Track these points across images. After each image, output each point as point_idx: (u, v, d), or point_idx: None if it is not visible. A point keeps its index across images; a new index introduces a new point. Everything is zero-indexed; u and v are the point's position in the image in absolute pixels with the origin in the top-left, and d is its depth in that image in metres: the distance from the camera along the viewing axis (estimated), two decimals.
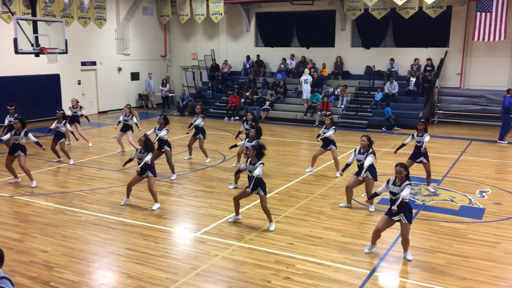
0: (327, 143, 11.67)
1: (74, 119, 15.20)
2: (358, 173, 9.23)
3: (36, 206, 9.52)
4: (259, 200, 8.38)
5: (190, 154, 13.31)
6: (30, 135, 10.80)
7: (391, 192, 7.03)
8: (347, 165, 9.48)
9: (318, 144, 12.14)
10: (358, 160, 9.24)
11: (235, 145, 11.62)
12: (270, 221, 8.30)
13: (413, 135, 10.49)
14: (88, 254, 7.30)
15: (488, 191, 10.56)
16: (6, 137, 11.33)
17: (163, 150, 11.51)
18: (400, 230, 7.04)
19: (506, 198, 10.10)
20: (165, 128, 11.53)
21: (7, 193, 10.32)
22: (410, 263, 6.99)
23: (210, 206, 9.48)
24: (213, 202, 9.77)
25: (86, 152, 14.46)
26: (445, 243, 7.72)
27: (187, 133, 13.28)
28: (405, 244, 7.09)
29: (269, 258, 7.11)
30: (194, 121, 12.90)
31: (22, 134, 10.71)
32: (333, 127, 11.64)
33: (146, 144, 9.21)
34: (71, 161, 12.96)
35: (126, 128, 14.11)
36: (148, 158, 9.11)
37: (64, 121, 13.10)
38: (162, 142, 11.46)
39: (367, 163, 8.96)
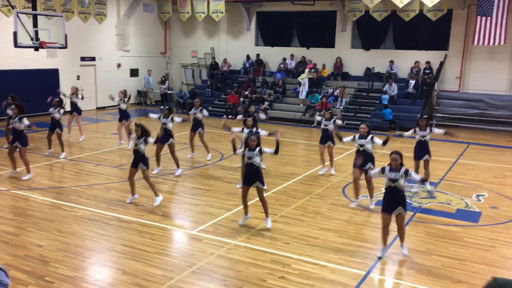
0: (328, 138, 11.66)
1: (74, 109, 15.11)
2: (359, 164, 9.10)
3: (32, 201, 9.50)
4: (257, 199, 8.38)
5: (193, 151, 13.22)
6: (24, 119, 10.65)
7: (390, 179, 6.98)
8: (340, 138, 9.77)
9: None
10: (360, 145, 9.29)
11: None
12: (266, 215, 8.22)
13: (415, 130, 10.50)
14: (84, 250, 7.28)
15: (485, 195, 10.58)
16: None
17: (168, 143, 11.34)
18: (397, 221, 7.08)
19: (502, 202, 10.12)
20: (171, 117, 11.45)
21: (4, 187, 10.29)
22: (405, 265, 7.00)
23: (207, 204, 9.48)
24: (210, 200, 9.76)
25: (83, 147, 14.43)
26: (441, 246, 7.73)
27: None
28: (402, 233, 7.19)
29: (265, 257, 7.11)
30: (194, 113, 12.80)
31: (16, 118, 10.64)
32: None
33: (142, 132, 9.08)
34: (62, 155, 12.92)
35: (122, 116, 14.00)
36: (143, 147, 9.06)
37: (59, 108, 13.00)
38: (168, 134, 11.31)
39: (380, 142, 9.07)
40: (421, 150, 10.48)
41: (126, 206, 9.21)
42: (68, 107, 14.99)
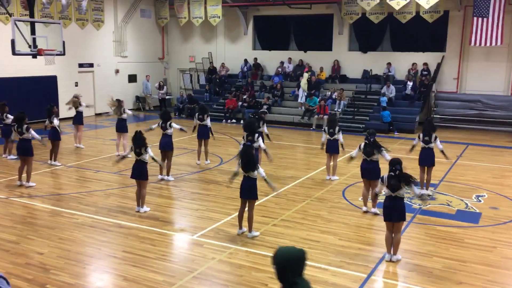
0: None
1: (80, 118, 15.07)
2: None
3: (32, 208, 9.49)
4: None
5: (207, 159, 13.19)
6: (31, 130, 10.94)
7: (390, 189, 7.10)
8: (351, 158, 9.65)
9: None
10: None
11: None
12: (249, 230, 8.04)
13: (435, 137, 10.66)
14: (85, 257, 7.28)
15: (485, 195, 10.59)
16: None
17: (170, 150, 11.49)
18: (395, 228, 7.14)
19: (502, 202, 10.13)
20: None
21: (3, 195, 10.28)
22: (406, 267, 7.00)
23: (207, 209, 9.47)
24: (210, 205, 9.76)
25: (83, 154, 14.42)
26: (441, 247, 7.74)
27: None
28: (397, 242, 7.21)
29: (266, 261, 7.09)
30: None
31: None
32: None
33: (134, 140, 9.04)
34: (57, 163, 12.95)
35: (124, 127, 13.83)
36: (147, 156, 9.02)
37: (53, 115, 13.02)
38: (170, 141, 11.43)
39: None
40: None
41: (126, 212, 9.21)
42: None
